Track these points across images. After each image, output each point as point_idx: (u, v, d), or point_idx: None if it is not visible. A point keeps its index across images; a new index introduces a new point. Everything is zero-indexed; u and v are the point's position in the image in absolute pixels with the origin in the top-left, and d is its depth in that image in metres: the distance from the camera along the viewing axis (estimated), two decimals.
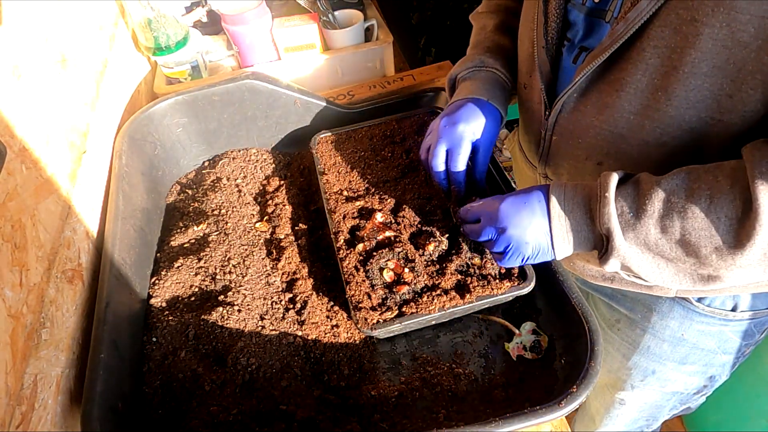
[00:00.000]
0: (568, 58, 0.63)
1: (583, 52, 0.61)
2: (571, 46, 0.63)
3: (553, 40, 0.63)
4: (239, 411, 0.56)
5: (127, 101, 0.90)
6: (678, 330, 0.75)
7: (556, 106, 0.64)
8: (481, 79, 0.73)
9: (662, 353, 0.81)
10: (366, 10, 1.13)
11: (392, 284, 0.64)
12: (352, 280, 0.64)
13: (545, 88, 0.66)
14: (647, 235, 0.50)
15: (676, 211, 0.48)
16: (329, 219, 0.72)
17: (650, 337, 0.79)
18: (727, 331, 0.73)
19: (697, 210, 0.47)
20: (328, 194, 0.76)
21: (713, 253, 0.48)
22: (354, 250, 0.67)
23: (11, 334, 0.49)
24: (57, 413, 0.52)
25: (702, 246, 0.48)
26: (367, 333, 0.60)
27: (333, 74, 1.07)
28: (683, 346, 0.77)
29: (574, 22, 0.61)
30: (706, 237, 0.47)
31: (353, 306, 0.62)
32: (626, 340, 0.83)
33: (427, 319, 0.61)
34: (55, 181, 0.62)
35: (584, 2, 0.59)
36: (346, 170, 0.80)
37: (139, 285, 0.67)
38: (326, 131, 0.86)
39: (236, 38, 1.04)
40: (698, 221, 0.47)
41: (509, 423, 0.51)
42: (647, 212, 0.50)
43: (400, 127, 0.85)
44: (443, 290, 0.62)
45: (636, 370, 0.86)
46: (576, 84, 0.59)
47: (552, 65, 0.65)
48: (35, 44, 0.64)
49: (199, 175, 0.89)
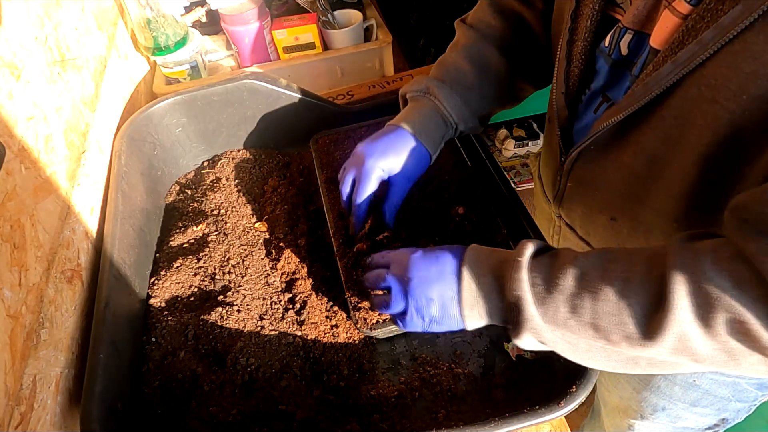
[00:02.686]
0: (588, 105, 0.59)
1: (605, 103, 0.57)
2: (592, 94, 0.58)
3: (575, 86, 0.59)
4: (239, 411, 0.56)
5: (126, 101, 0.90)
6: (690, 376, 0.71)
7: (572, 155, 0.60)
8: (418, 108, 0.66)
9: (673, 394, 0.76)
10: (365, 10, 1.13)
11: None
12: (351, 281, 0.64)
13: (561, 134, 0.62)
14: (556, 312, 0.45)
15: (588, 290, 0.44)
16: (328, 219, 0.72)
17: (661, 378, 0.75)
18: (742, 382, 0.69)
19: (610, 293, 0.43)
20: (327, 194, 0.76)
21: (623, 340, 0.43)
22: (352, 249, 0.67)
23: (10, 334, 0.49)
24: (56, 413, 0.52)
25: (611, 332, 0.43)
26: (367, 333, 0.60)
27: (332, 74, 1.07)
28: (695, 391, 0.73)
29: (598, 70, 0.57)
30: (615, 324, 0.43)
31: (352, 306, 0.62)
32: (636, 376, 0.79)
33: None
34: (55, 181, 0.62)
35: (611, 52, 0.54)
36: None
37: (138, 285, 0.67)
38: (326, 131, 0.86)
39: (235, 38, 1.04)
40: (609, 305, 0.43)
41: (509, 423, 0.51)
42: (559, 287, 0.45)
43: None
44: None
45: (646, 403, 0.82)
46: (593, 137, 0.55)
47: (570, 109, 0.61)
48: (35, 44, 0.64)
49: (198, 175, 0.88)
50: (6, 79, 0.57)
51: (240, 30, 1.01)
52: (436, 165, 0.76)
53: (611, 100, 0.56)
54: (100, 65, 0.83)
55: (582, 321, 0.44)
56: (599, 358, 0.46)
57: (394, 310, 0.55)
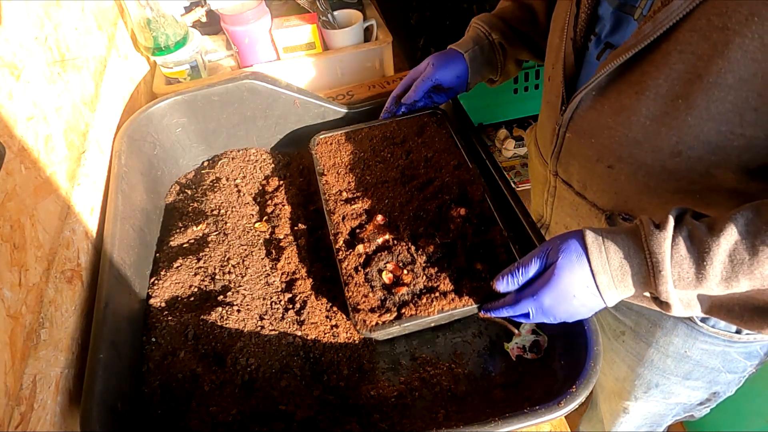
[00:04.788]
0: (593, 53, 0.62)
1: (608, 49, 0.59)
2: (597, 41, 0.61)
3: (582, 32, 0.62)
4: (239, 411, 0.56)
5: (126, 101, 0.90)
6: (682, 347, 0.74)
7: (574, 101, 0.62)
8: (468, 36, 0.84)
9: (666, 368, 0.79)
10: (365, 10, 1.13)
11: (391, 286, 0.64)
12: (350, 282, 0.64)
13: (565, 81, 0.65)
14: (710, 292, 0.47)
15: (741, 273, 0.45)
16: (328, 220, 0.72)
17: (654, 351, 0.78)
18: (731, 351, 0.72)
19: (766, 270, 0.43)
20: (327, 195, 0.76)
21: None
22: (353, 251, 0.67)
23: (10, 334, 0.49)
24: (56, 413, 0.52)
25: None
26: (366, 335, 0.60)
27: (332, 74, 1.07)
28: (687, 362, 0.76)
29: (602, 16, 0.59)
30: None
31: (352, 308, 0.62)
32: (631, 352, 0.82)
33: (426, 321, 0.60)
34: (55, 181, 0.62)
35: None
36: (346, 171, 0.80)
37: (138, 285, 0.67)
38: (325, 132, 0.86)
39: (235, 38, 1.03)
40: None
41: (508, 423, 0.51)
42: (708, 277, 0.46)
43: (400, 128, 0.85)
44: (442, 292, 0.62)
45: (640, 381, 0.85)
46: (595, 81, 0.57)
47: (576, 59, 0.64)
48: (35, 44, 0.64)
49: (198, 175, 0.88)
50: (6, 79, 0.57)
51: (240, 30, 1.01)
52: (437, 166, 0.76)
53: (614, 46, 0.58)
54: (100, 65, 0.83)
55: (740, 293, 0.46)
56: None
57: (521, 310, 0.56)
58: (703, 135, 0.51)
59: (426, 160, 0.79)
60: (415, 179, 0.76)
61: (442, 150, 0.79)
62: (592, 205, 0.69)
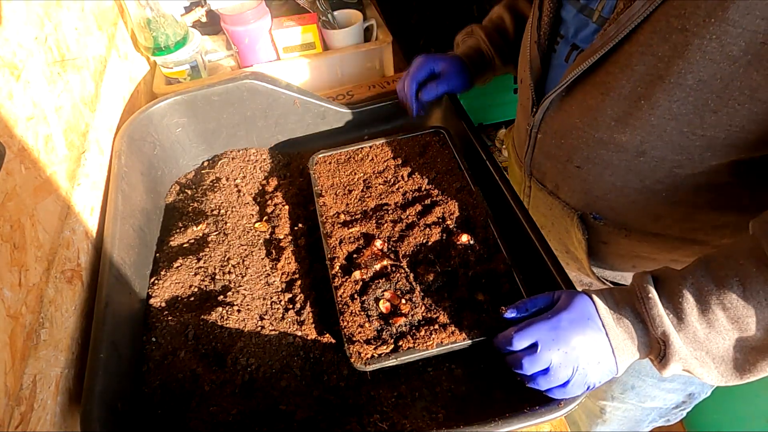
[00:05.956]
0: (561, 55, 0.62)
1: (574, 51, 0.60)
2: (565, 42, 0.62)
3: (546, 35, 0.63)
4: (239, 411, 0.56)
5: (126, 101, 0.90)
6: None
7: (543, 103, 0.63)
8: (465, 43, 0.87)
9: (641, 369, 0.80)
10: (365, 10, 1.13)
11: (388, 315, 0.61)
12: (346, 311, 0.62)
13: (534, 84, 0.65)
14: (696, 332, 0.47)
15: (713, 303, 0.46)
16: (325, 244, 0.70)
17: None
18: None
19: (734, 297, 0.45)
20: (324, 217, 0.73)
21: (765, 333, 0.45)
22: (350, 278, 0.65)
23: (10, 334, 0.49)
24: (56, 413, 0.52)
25: (756, 330, 0.45)
26: (361, 369, 0.58)
27: (332, 74, 1.07)
28: None
29: (566, 19, 0.61)
30: (754, 322, 0.45)
31: (346, 339, 0.59)
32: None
33: (424, 355, 0.58)
34: (55, 181, 0.62)
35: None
36: (344, 192, 0.77)
37: (138, 285, 0.67)
38: (325, 151, 0.84)
39: (235, 38, 1.03)
40: (739, 309, 0.45)
41: (509, 423, 0.51)
42: (686, 311, 0.47)
43: (402, 147, 0.82)
44: (441, 324, 0.59)
45: (616, 383, 0.86)
46: (564, 84, 0.58)
47: (544, 62, 0.64)
48: (35, 44, 0.64)
49: (198, 175, 0.88)
50: (6, 79, 0.57)
51: (240, 30, 1.01)
52: (439, 189, 0.75)
53: (579, 47, 0.59)
54: (100, 65, 0.83)
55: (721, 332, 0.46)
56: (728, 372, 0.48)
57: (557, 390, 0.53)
58: (666, 135, 0.52)
59: (428, 182, 0.76)
60: (417, 202, 0.74)
61: (444, 171, 0.77)
62: (565, 205, 0.70)
